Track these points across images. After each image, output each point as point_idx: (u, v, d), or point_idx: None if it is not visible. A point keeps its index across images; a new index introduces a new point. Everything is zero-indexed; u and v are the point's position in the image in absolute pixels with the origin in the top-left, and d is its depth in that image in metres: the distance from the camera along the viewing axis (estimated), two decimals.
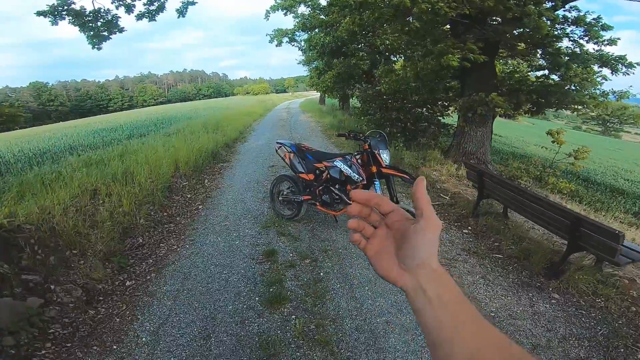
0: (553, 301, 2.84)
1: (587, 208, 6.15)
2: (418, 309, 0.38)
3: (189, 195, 5.26)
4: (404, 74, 6.71)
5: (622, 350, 2.33)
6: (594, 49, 5.72)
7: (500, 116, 8.78)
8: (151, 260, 3.46)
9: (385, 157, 3.28)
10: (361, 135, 3.44)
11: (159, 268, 3.30)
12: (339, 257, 3.39)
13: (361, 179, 3.32)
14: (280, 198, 4.10)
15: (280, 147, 3.96)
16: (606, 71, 5.63)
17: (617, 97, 5.88)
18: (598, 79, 5.81)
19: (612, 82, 6.09)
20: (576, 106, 5.94)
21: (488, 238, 3.81)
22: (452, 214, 4.47)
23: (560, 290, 2.95)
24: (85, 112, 78.49)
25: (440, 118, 8.25)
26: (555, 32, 5.48)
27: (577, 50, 5.65)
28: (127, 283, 3.10)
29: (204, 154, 7.23)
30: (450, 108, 8.12)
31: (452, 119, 8.70)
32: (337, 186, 3.53)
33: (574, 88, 5.91)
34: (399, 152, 7.33)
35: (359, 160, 3.42)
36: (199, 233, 3.99)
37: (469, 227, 4.08)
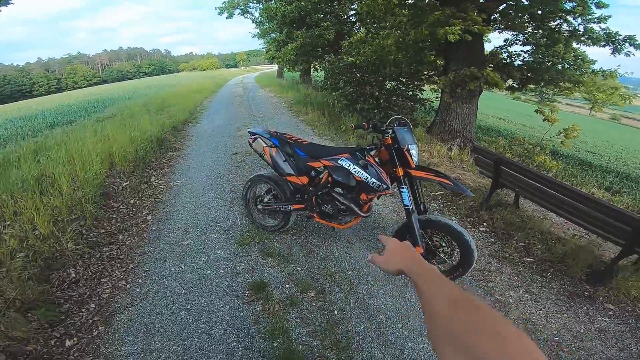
0: (610, 313, 2.39)
1: (566, 181, 6.02)
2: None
3: (132, 201, 4.05)
4: (384, 43, 5.86)
5: None
6: (584, 25, 5.38)
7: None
8: (93, 305, 2.43)
9: (414, 154, 2.33)
10: (384, 125, 2.41)
11: (107, 317, 2.31)
12: (350, 283, 2.61)
13: (385, 186, 2.36)
14: (259, 206, 3.14)
15: (256, 139, 2.89)
16: (602, 51, 5.35)
17: (604, 76, 5.67)
18: (589, 58, 5.59)
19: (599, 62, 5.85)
20: (568, 84, 5.65)
21: (510, 237, 3.26)
22: (460, 206, 3.87)
23: (610, 299, 2.50)
24: (5, 98, 68.95)
25: (417, 93, 7.62)
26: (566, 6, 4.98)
27: (581, 27, 5.25)
28: (67, 343, 2.09)
29: (147, 142, 5.86)
30: (426, 82, 7.52)
31: (428, 93, 8.13)
32: (342, 192, 2.65)
33: (568, 66, 5.62)
34: None
35: (377, 159, 2.48)
36: (152, 258, 2.95)
37: (484, 224, 3.51)
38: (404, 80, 7.72)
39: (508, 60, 6.19)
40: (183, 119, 8.97)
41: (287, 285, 2.57)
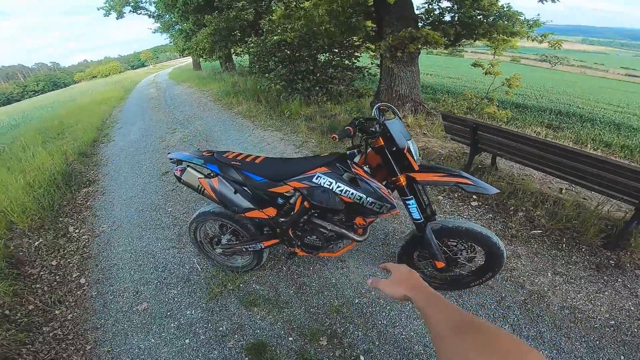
0: None
1: (510, 126, 6.18)
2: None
3: (53, 262, 3.02)
4: (314, 13, 5.20)
5: None
6: None
7: None
8: None
9: (414, 152, 1.74)
10: (376, 123, 1.66)
11: None
12: (363, 315, 2.09)
13: (389, 206, 1.76)
14: (217, 250, 2.38)
15: (184, 168, 2.01)
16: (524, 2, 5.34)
17: (530, 26, 5.74)
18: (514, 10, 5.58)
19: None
20: (503, 36, 5.62)
21: (507, 208, 3.00)
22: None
23: (636, 263, 2.33)
24: None
25: (354, 61, 7.15)
26: None
27: None
28: None
29: (48, 182, 4.55)
30: (362, 49, 7.09)
31: (365, 59, 7.74)
32: (328, 215, 1.99)
33: (500, 20, 5.57)
34: (322, 107, 6.12)
35: (366, 167, 1.82)
36: (110, 334, 2.20)
37: (474, 196, 3.20)
38: (336, 50, 7.17)
39: (440, 18, 5.99)
40: (91, 140, 7.31)
41: (290, 338, 1.98)
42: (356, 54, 7.25)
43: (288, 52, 7.00)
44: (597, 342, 1.85)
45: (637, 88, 23.78)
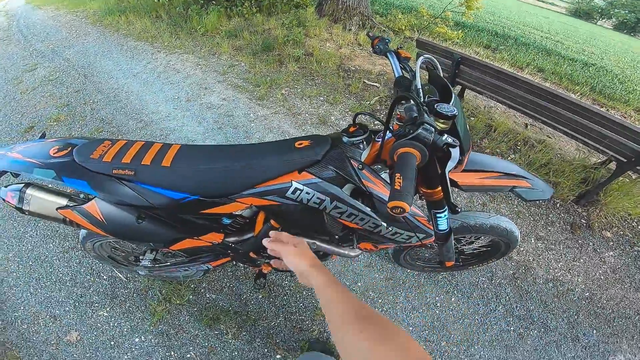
0: (610, 243, 2.27)
1: (452, 45, 5.83)
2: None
3: None
4: None
5: None
6: None
7: None
8: None
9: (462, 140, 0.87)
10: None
11: None
12: None
13: (423, 236, 1.16)
14: (141, 272, 1.63)
15: (21, 191, 1.05)
16: None
17: None
18: None
19: None
20: None
21: (482, 151, 2.72)
22: None
23: (603, 223, 2.36)
24: None
25: None
26: None
27: None
28: None
29: None
30: None
31: None
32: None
33: None
34: (250, 21, 4.80)
35: (380, 162, 1.02)
36: None
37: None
38: None
39: None
40: None
41: (278, 357, 1.58)
42: None
43: None
44: (575, 317, 1.87)
45: (548, 14, 25.54)
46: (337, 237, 1.23)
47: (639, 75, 7.50)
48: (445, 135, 0.75)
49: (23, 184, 1.06)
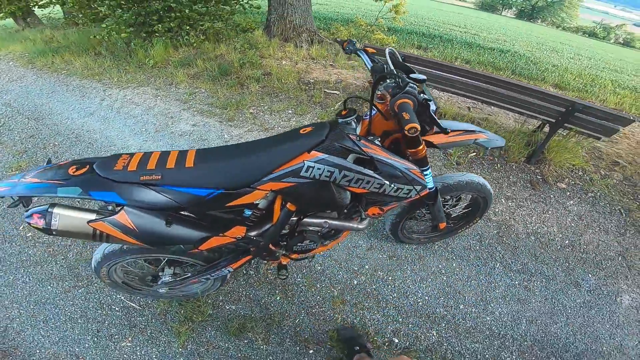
0: (568, 194, 2.66)
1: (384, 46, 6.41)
2: None
3: None
4: None
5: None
6: None
7: None
8: None
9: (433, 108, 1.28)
10: (397, 78, 1.14)
11: None
12: (371, 296, 1.91)
13: (420, 187, 1.35)
14: (161, 290, 1.61)
15: (48, 212, 1.07)
16: None
17: None
18: None
19: None
20: None
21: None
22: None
23: (554, 175, 2.77)
24: None
25: None
26: None
27: None
28: None
29: None
30: None
31: None
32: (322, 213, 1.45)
33: None
34: (200, 49, 4.87)
35: (378, 140, 1.29)
36: None
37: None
38: None
39: None
40: None
41: (311, 352, 1.66)
42: None
43: None
44: (567, 265, 2.15)
45: (461, 10, 28.44)
46: (345, 211, 1.42)
47: (546, 55, 8.78)
48: (422, 94, 1.13)
49: (47, 205, 1.09)
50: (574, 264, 2.15)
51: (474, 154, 2.91)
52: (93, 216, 1.09)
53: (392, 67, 1.28)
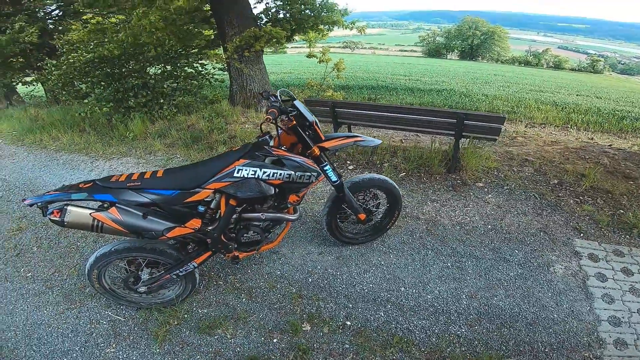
0: (485, 189, 3.20)
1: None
2: None
3: None
4: (144, 22, 4.61)
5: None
6: None
7: None
8: None
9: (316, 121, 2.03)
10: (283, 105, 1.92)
11: None
12: (325, 289, 2.30)
13: (316, 173, 1.97)
14: (141, 290, 2.04)
15: (62, 209, 1.62)
16: None
17: (343, 14, 6.87)
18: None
19: None
20: (326, 25, 6.53)
21: (375, 163, 3.73)
22: None
23: (472, 177, 3.35)
24: None
25: (200, 68, 6.78)
26: None
27: None
28: None
29: None
30: (203, 56, 6.83)
31: (206, 69, 7.45)
32: (259, 207, 2.03)
33: (324, 12, 6.48)
34: (173, 121, 5.63)
35: (283, 147, 1.97)
36: None
37: (348, 162, 3.79)
38: (175, 57, 6.55)
39: (276, 15, 6.47)
40: None
41: (275, 340, 1.99)
42: (202, 61, 6.92)
43: (108, 69, 5.94)
44: (493, 245, 2.56)
45: (410, 60, 32.14)
46: (274, 202, 2.00)
47: (478, 87, 10.19)
48: (287, 107, 1.86)
49: (64, 203, 1.64)
50: (499, 244, 2.54)
51: (404, 173, 3.51)
52: (93, 211, 1.65)
53: (280, 100, 1.96)
